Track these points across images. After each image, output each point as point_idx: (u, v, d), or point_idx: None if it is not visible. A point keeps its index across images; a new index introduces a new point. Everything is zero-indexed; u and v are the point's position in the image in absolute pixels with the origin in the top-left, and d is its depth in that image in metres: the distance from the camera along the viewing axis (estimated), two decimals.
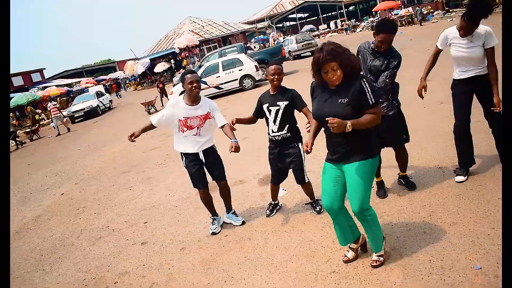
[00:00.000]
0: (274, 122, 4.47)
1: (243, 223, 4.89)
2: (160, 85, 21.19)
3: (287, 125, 4.46)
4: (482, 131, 4.94)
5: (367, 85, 3.13)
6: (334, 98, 3.20)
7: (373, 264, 3.56)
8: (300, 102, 4.42)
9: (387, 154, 4.93)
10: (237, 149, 4.30)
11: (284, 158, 4.60)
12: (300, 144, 4.54)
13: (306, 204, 4.96)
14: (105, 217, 6.33)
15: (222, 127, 4.60)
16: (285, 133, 4.49)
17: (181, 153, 4.75)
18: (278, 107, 4.43)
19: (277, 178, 4.79)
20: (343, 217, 3.55)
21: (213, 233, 4.82)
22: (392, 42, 4.14)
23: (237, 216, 4.98)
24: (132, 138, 4.65)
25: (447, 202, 4.25)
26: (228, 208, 5.03)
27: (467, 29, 4.12)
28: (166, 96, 20.15)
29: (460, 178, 4.60)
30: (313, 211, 4.74)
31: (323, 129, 3.45)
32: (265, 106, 4.55)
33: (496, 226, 3.62)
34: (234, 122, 4.52)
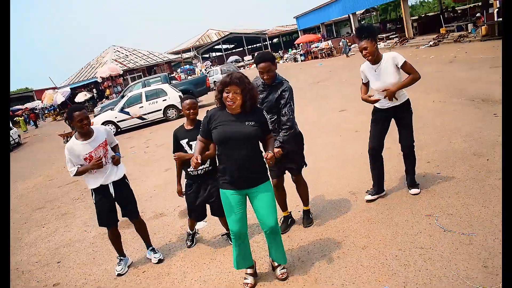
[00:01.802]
0: None
1: (160, 261, 4.73)
2: None
3: (209, 159, 4.47)
4: (392, 158, 5.28)
5: (267, 116, 3.65)
6: (240, 119, 3.49)
7: (283, 277, 3.81)
8: None
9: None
10: (117, 161, 4.50)
11: (203, 191, 4.56)
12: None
13: (222, 235, 4.98)
14: (14, 258, 5.90)
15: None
16: (207, 167, 4.47)
17: (91, 190, 4.55)
18: None
19: (198, 213, 4.69)
20: (247, 240, 3.82)
21: (119, 275, 4.62)
22: (273, 71, 4.22)
23: (156, 252, 4.82)
24: None
25: (359, 227, 4.46)
26: (147, 244, 4.88)
27: (364, 46, 4.43)
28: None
29: (368, 197, 4.98)
30: (230, 242, 4.77)
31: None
32: (184, 142, 4.50)
33: (403, 247, 3.85)
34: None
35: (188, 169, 4.55)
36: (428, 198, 4.73)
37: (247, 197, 3.68)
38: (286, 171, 4.65)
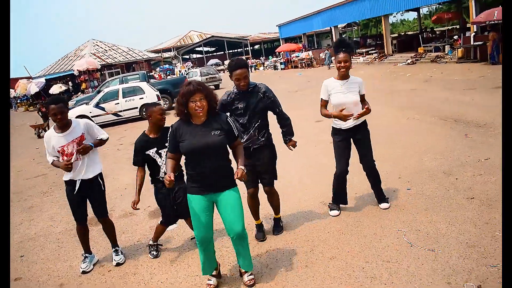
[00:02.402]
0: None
1: (118, 264, 4.60)
2: (43, 109, 18.55)
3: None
4: (362, 171, 5.33)
5: (231, 121, 3.70)
6: (205, 130, 3.53)
7: (250, 283, 3.81)
8: None
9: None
10: (82, 150, 4.31)
11: (171, 194, 4.52)
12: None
13: (192, 238, 4.96)
14: None
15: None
16: (179, 172, 4.44)
17: (64, 180, 4.50)
18: None
19: (173, 215, 4.62)
20: (213, 245, 3.82)
21: (84, 272, 4.52)
22: (248, 78, 4.25)
23: (117, 255, 4.70)
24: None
25: (328, 237, 4.51)
26: (112, 244, 4.76)
27: (343, 59, 4.52)
28: (47, 120, 18.36)
29: (334, 212, 5.02)
30: None
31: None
32: (152, 151, 4.43)
33: (370, 260, 3.91)
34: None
35: (157, 176, 4.50)
36: (397, 212, 4.81)
37: (214, 203, 3.70)
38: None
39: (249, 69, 4.36)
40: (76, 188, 4.42)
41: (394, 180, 5.80)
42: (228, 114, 4.34)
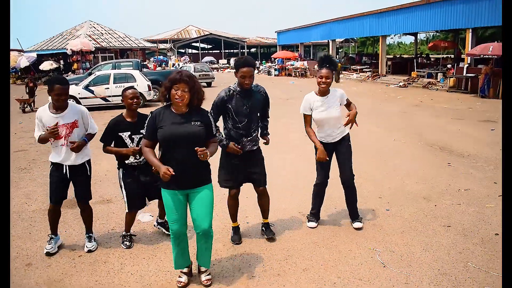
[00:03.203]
0: None
1: (89, 251, 4.52)
2: (31, 84, 18.61)
3: None
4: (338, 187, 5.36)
5: (212, 119, 3.73)
6: (186, 119, 3.54)
7: (208, 283, 3.82)
8: None
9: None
10: (75, 148, 4.28)
11: (143, 183, 4.50)
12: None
13: (156, 225, 5.02)
14: None
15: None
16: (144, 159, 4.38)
17: (50, 161, 4.44)
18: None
19: (139, 201, 4.60)
20: (186, 239, 3.83)
21: (48, 253, 4.44)
22: (253, 77, 4.28)
23: (90, 241, 4.63)
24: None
25: (303, 248, 4.51)
26: (87, 230, 4.69)
27: (326, 75, 4.56)
28: (33, 96, 18.11)
29: (312, 224, 5.03)
30: (166, 232, 4.80)
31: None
32: (125, 134, 4.42)
33: (343, 275, 3.93)
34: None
35: (126, 161, 4.48)
36: (374, 232, 4.84)
37: (187, 197, 3.71)
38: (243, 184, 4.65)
39: (254, 68, 4.37)
40: (65, 172, 4.38)
41: (375, 199, 5.84)
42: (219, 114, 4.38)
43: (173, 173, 3.37)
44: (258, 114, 4.50)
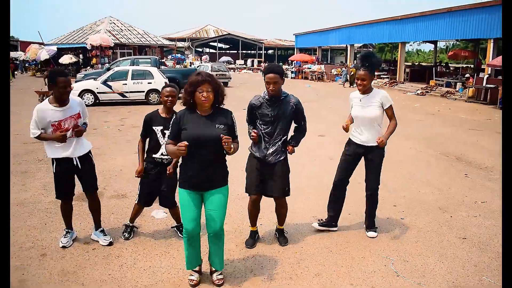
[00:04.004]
0: None
1: (111, 243, 4.59)
2: None
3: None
4: (361, 192, 5.32)
5: (235, 120, 3.71)
6: (210, 122, 3.55)
7: (219, 283, 3.83)
8: None
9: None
10: (78, 132, 4.34)
11: (160, 180, 4.59)
12: (177, 169, 4.50)
13: (172, 227, 4.99)
14: None
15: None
16: (169, 157, 4.50)
17: (52, 159, 4.41)
18: None
19: (148, 198, 4.71)
20: (199, 240, 3.82)
21: (64, 247, 4.50)
22: (279, 84, 4.23)
23: (105, 235, 4.69)
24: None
25: (316, 253, 4.49)
26: (97, 224, 4.74)
27: (362, 76, 4.56)
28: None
29: (316, 225, 5.02)
30: (180, 235, 4.78)
31: None
32: (158, 129, 4.52)
33: (355, 282, 3.90)
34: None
35: (154, 155, 4.57)
36: (388, 240, 4.80)
37: (202, 197, 3.73)
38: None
39: (283, 78, 4.32)
40: (78, 164, 4.41)
41: (389, 208, 5.80)
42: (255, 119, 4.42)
43: (186, 144, 3.34)
44: (285, 125, 4.39)
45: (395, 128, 4.73)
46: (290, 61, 47.60)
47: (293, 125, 4.57)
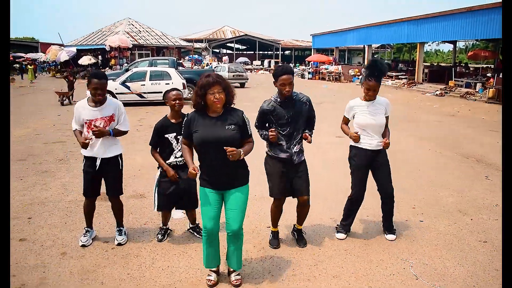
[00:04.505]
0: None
1: (119, 244, 4.62)
2: (70, 78, 19.28)
3: None
4: (376, 194, 5.28)
5: (246, 118, 3.70)
6: (220, 123, 3.57)
7: (237, 283, 3.83)
8: None
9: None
10: (98, 134, 4.31)
11: (176, 183, 4.57)
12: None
13: (188, 229, 5.00)
14: None
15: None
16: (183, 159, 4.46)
17: (84, 156, 4.54)
18: None
19: (165, 202, 4.67)
20: (218, 239, 3.85)
21: (83, 245, 4.56)
22: (293, 84, 4.23)
23: (120, 235, 4.73)
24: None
25: (334, 255, 4.47)
26: (118, 223, 4.80)
27: (373, 87, 4.52)
28: (72, 90, 18.64)
29: (341, 235, 4.91)
30: (197, 235, 4.81)
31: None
32: (171, 136, 4.53)
33: (374, 285, 3.87)
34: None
35: (167, 161, 4.58)
36: (407, 243, 4.75)
37: (223, 196, 3.75)
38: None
39: (292, 75, 4.31)
40: (97, 166, 4.47)
41: (408, 210, 5.74)
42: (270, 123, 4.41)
43: (198, 171, 3.49)
44: (302, 123, 4.41)
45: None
46: (307, 61, 47.48)
47: None
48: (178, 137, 4.49)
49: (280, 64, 4.46)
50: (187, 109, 3.97)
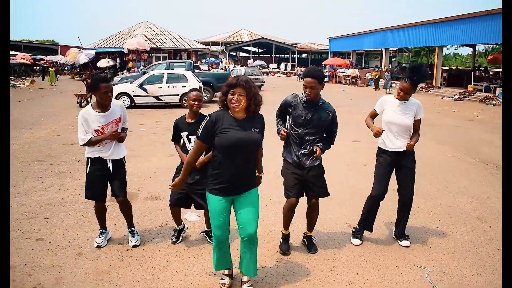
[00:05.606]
0: None
1: (134, 246, 4.65)
2: (89, 80, 19.06)
3: (204, 152, 4.42)
4: (393, 199, 5.22)
5: (264, 124, 3.67)
6: (247, 126, 3.51)
7: None
8: None
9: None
10: (121, 139, 4.47)
11: (192, 183, 4.53)
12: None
13: (202, 232, 4.98)
14: None
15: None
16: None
17: (88, 158, 4.53)
18: None
19: (178, 201, 4.66)
20: (228, 244, 3.83)
21: (98, 247, 4.60)
22: (316, 89, 4.16)
23: (134, 236, 4.75)
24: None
25: (349, 260, 4.42)
26: (129, 224, 4.82)
27: (406, 89, 4.46)
28: (90, 92, 18.91)
29: (357, 241, 4.85)
30: (209, 240, 4.77)
31: None
32: (184, 134, 4.55)
33: None
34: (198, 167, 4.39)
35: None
36: (423, 250, 4.68)
37: (232, 201, 3.67)
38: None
39: (322, 83, 4.25)
40: (110, 168, 4.50)
41: (425, 216, 5.65)
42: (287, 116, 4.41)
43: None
44: (317, 130, 4.32)
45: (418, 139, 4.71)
46: (323, 65, 47.33)
47: None
48: (190, 137, 4.51)
49: (310, 66, 4.43)
50: (207, 111, 3.97)
